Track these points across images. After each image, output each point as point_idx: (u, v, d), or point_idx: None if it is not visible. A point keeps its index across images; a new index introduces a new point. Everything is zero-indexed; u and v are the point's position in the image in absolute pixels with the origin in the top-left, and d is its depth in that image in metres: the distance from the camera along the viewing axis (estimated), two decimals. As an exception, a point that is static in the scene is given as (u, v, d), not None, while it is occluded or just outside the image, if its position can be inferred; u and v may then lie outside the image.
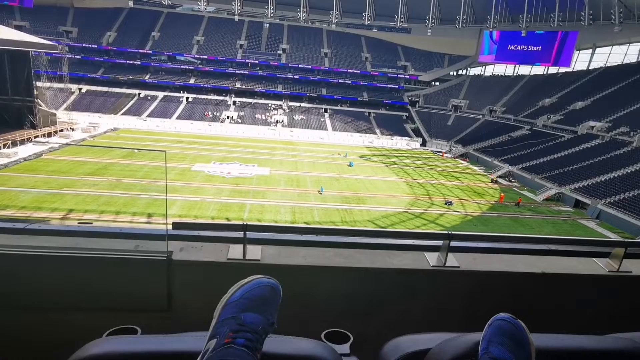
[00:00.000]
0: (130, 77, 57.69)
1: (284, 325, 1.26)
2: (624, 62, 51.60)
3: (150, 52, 60.28)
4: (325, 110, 59.97)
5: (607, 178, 31.42)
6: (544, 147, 41.26)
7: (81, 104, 50.92)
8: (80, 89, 54.72)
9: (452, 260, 2.33)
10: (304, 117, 57.40)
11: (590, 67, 55.11)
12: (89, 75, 55.82)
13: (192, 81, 60.20)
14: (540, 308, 2.41)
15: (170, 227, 2.17)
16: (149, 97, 56.37)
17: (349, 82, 63.68)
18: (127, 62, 59.06)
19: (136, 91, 56.69)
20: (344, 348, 1.50)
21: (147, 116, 51.19)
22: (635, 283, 2.40)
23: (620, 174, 31.47)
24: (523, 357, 1.01)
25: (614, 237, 23.73)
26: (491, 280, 2.34)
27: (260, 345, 0.98)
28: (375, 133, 55.25)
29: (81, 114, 46.39)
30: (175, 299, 2.13)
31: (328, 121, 57.40)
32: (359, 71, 63.87)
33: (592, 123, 41.39)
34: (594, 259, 2.49)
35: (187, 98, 57.90)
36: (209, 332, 0.99)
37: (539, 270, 2.34)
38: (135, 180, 26.39)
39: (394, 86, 64.60)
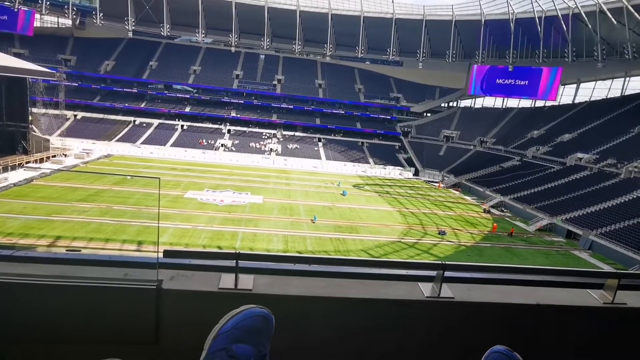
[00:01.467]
0: (126, 104, 58.22)
1: (276, 356, 1.22)
2: (608, 96, 53.50)
3: (148, 80, 61.28)
4: (319, 140, 60.71)
5: (598, 209, 31.78)
6: (535, 177, 41.87)
7: (76, 131, 51.02)
8: (75, 116, 54.99)
9: (447, 290, 2.30)
10: (298, 146, 57.95)
11: (576, 101, 57.00)
12: (85, 103, 56.29)
13: (187, 109, 60.93)
14: (536, 340, 2.38)
15: (161, 255, 2.09)
16: (144, 125, 56.74)
17: (343, 112, 64.90)
18: (124, 90, 59.84)
19: (131, 118, 57.11)
20: None
21: (142, 143, 51.34)
22: (630, 315, 2.38)
23: (610, 205, 31.87)
24: None
25: (607, 268, 23.73)
26: (486, 311, 2.31)
27: None
28: (368, 162, 55.80)
29: (75, 140, 46.41)
30: (164, 330, 2.04)
31: (322, 150, 57.97)
32: (352, 102, 65.29)
33: (579, 155, 42.29)
34: (587, 290, 2.47)
35: (182, 126, 58.36)
36: None
37: (534, 302, 2.32)
38: (127, 207, 26.08)
39: (387, 117, 65.93)
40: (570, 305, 2.34)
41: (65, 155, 40.47)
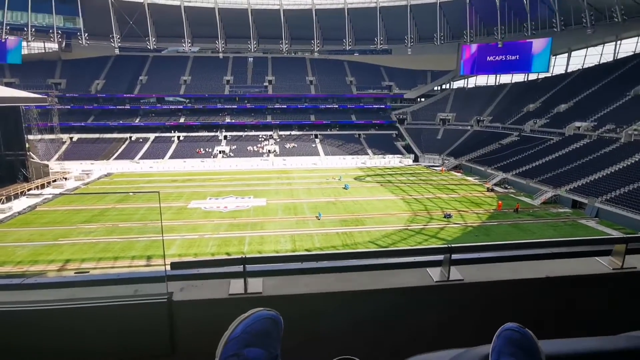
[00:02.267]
0: (121, 121, 58.27)
1: (290, 356, 1.25)
2: (601, 62, 53.16)
3: (139, 95, 61.30)
4: (316, 136, 60.65)
5: (601, 176, 31.71)
6: (535, 151, 41.76)
7: (73, 153, 51.15)
8: (71, 138, 55.12)
9: (456, 273, 2.31)
10: (296, 145, 57.94)
11: (569, 70, 56.66)
12: (79, 124, 56.37)
13: (182, 120, 60.95)
14: (548, 313, 2.39)
15: (169, 267, 2.14)
16: (141, 140, 56.80)
17: (337, 106, 64.78)
18: (117, 107, 59.90)
19: (127, 135, 57.16)
20: None
21: (140, 158, 51.43)
22: None
23: (613, 171, 31.79)
24: None
25: (615, 234, 23.70)
26: (496, 290, 2.32)
27: None
28: (367, 154, 55.75)
29: (74, 163, 46.50)
30: (179, 341, 2.08)
31: (319, 146, 57.95)
32: (345, 95, 65.13)
33: (577, 124, 42.13)
34: (596, 258, 2.48)
35: (178, 137, 58.42)
36: None
37: (542, 275, 2.34)
38: (132, 223, 26.19)
39: (381, 106, 65.76)
40: (580, 274, 2.35)
41: (66, 179, 40.60)
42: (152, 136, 57.81)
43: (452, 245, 2.29)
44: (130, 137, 56.94)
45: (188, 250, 21.83)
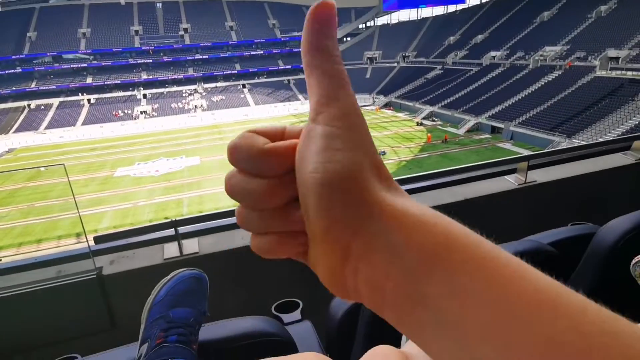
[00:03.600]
0: (14, 88, 50.41)
1: (234, 308, 1.30)
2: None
3: (30, 55, 52.86)
4: (244, 86, 57.92)
5: (514, 101, 34.50)
6: (457, 83, 43.93)
7: (-40, 130, 43.85)
8: (-47, 113, 46.93)
9: None
10: (223, 97, 54.99)
11: (483, 1, 58.75)
12: (-40, 95, 47.93)
13: (89, 80, 54.27)
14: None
15: (92, 242, 2.04)
16: (42, 107, 49.99)
17: (262, 52, 61.70)
18: (5, 72, 51.34)
19: (25, 103, 49.87)
20: (295, 315, 1.55)
21: (46, 128, 45.62)
22: (540, 189, 2.71)
23: (524, 96, 34.70)
24: None
25: (526, 153, 26.40)
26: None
27: (194, 337, 0.99)
28: (298, 99, 54.77)
29: (-37, 141, 40.05)
30: (118, 314, 2.04)
31: (249, 96, 55.63)
32: (269, 39, 61.96)
33: (492, 53, 44.66)
34: (505, 177, 2.77)
35: (88, 100, 52.27)
36: (139, 338, 0.98)
37: (462, 198, 2.55)
38: (51, 201, 23.68)
39: (308, 49, 63.83)
40: (492, 193, 2.62)
41: (-43, 161, 35.02)
42: (55, 101, 51.06)
43: None
44: (29, 105, 49.79)
45: (123, 220, 20.48)
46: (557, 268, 1.19)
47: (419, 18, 65.51)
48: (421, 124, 37.81)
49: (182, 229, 2.12)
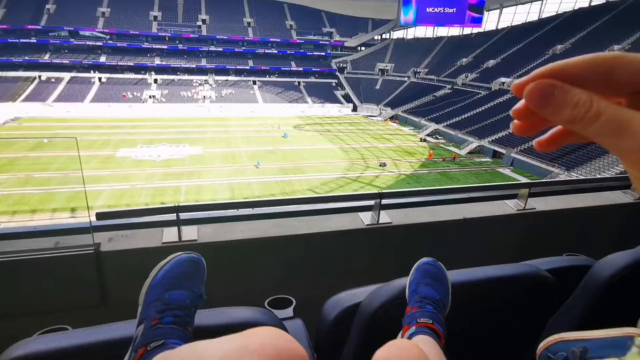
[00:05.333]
0: (27, 57, 50.69)
1: (227, 299, 1.29)
2: (527, 20, 56.25)
3: (47, 27, 53.18)
4: (254, 83, 58.24)
5: (518, 128, 34.67)
6: (464, 104, 44.25)
7: (-31, 93, 44.03)
8: (-36, 76, 47.15)
9: (385, 217, 2.46)
10: (233, 91, 55.30)
11: (499, 27, 59.31)
12: (-27, 59, 48.13)
13: (103, 59, 54.61)
14: (464, 250, 2.68)
15: (93, 218, 2.05)
16: (53, 80, 50.25)
17: (276, 51, 62.06)
18: (20, 40, 51.67)
19: (36, 73, 50.12)
20: (287, 312, 1.57)
21: (54, 101, 45.82)
22: (538, 217, 2.74)
23: (528, 124, 34.91)
24: (444, 293, 1.17)
25: (524, 180, 26.61)
26: (420, 231, 2.52)
27: (190, 319, 0.98)
28: (306, 102, 55.09)
29: (-30, 105, 40.23)
30: (111, 291, 2.06)
31: (258, 93, 55.93)
32: (284, 40, 62.37)
33: (502, 79, 45.02)
34: (505, 201, 2.79)
35: (99, 78, 52.56)
36: (136, 320, 0.97)
37: (461, 217, 2.57)
38: (50, 173, 23.85)
39: (321, 53, 64.27)
40: (491, 215, 2.63)
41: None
42: (67, 76, 51.34)
43: (383, 191, 2.40)
44: (40, 77, 50.04)
45: (119, 201, 20.62)
46: (551, 294, 1.29)
47: (434, 36, 66.02)
48: (424, 140, 38.06)
49: (183, 215, 2.12)
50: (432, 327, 1.05)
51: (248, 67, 59.71)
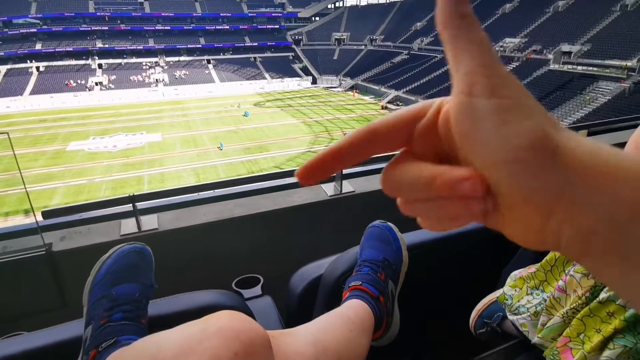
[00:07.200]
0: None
1: (195, 284, 1.27)
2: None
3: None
4: (209, 62, 55.94)
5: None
6: (422, 69, 44.77)
7: None
8: None
9: (348, 186, 2.48)
10: (187, 72, 52.92)
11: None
12: None
13: (38, 46, 50.32)
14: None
15: (40, 217, 1.94)
16: (-14, 74, 46.03)
17: (228, 27, 59.58)
18: (-60, 32, 46.57)
19: (-36, 68, 45.70)
20: (255, 290, 1.57)
21: (-10, 97, 42.14)
22: None
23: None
24: (390, 252, 1.16)
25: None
26: (381, 197, 2.58)
27: (143, 312, 0.94)
28: (265, 78, 53.78)
29: None
30: (70, 292, 1.96)
31: (213, 72, 53.89)
32: (236, 14, 59.88)
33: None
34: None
35: (37, 68, 48.55)
36: (83, 322, 0.93)
37: None
38: (-4, 175, 22.24)
39: (275, 26, 62.38)
40: None
41: None
42: (2, 69, 47.10)
43: None
44: (-30, 71, 45.69)
45: (77, 197, 19.66)
46: (505, 245, 1.35)
47: (387, 1, 65.50)
48: (385, 107, 38.42)
49: (140, 205, 2.04)
50: (361, 288, 1.05)
51: (200, 46, 57.10)
